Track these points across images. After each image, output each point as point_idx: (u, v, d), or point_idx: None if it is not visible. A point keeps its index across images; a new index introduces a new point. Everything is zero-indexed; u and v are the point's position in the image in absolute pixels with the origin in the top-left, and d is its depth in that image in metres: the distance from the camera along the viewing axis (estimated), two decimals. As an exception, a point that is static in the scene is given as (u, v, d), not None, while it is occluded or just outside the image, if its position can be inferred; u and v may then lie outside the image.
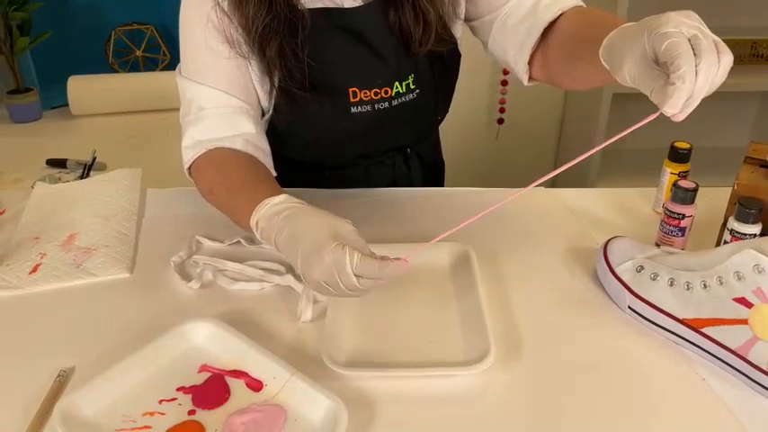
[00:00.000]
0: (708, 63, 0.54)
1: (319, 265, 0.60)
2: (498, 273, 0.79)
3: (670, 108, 0.57)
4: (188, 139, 0.82)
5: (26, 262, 0.80)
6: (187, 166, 0.83)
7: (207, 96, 0.81)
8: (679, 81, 0.55)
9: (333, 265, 0.59)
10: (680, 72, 0.54)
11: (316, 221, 0.64)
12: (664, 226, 0.80)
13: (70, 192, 0.98)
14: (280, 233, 0.65)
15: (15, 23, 1.61)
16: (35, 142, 1.55)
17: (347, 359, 0.65)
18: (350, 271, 0.59)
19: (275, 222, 0.66)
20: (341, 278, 0.60)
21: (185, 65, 0.83)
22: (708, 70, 0.54)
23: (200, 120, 0.81)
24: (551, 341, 0.68)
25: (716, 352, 0.64)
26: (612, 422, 0.59)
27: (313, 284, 0.63)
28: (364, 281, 0.60)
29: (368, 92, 0.86)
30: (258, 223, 0.69)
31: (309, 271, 0.61)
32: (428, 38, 0.84)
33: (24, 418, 0.58)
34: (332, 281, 0.60)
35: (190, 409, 0.59)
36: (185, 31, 0.82)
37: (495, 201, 0.96)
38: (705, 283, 0.64)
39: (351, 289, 0.61)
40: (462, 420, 0.59)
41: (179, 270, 0.79)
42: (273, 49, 0.78)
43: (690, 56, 0.55)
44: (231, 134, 0.80)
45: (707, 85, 0.55)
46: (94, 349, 0.67)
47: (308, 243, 0.62)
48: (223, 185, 0.78)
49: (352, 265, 0.59)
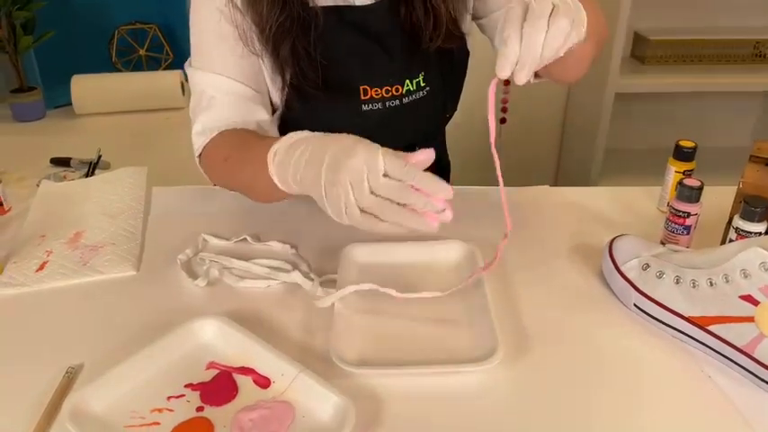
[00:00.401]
0: (532, 26, 0.56)
1: (350, 161, 0.57)
2: (504, 271, 0.79)
3: (498, 71, 0.58)
4: (198, 125, 0.81)
5: (33, 260, 0.80)
6: (198, 152, 0.82)
7: (218, 85, 0.81)
8: (502, 45, 0.57)
9: (364, 161, 0.56)
10: (504, 36, 0.57)
11: (343, 135, 0.62)
12: (669, 224, 0.80)
13: (76, 190, 0.98)
14: (301, 157, 0.62)
15: (19, 22, 1.61)
16: (39, 141, 1.56)
17: (355, 357, 0.65)
18: (381, 167, 0.56)
19: (295, 147, 0.63)
20: (369, 176, 0.56)
21: (196, 56, 0.83)
22: (532, 33, 0.56)
23: (212, 107, 0.81)
24: (557, 338, 0.69)
25: (722, 350, 0.64)
26: (618, 419, 0.59)
27: (335, 193, 0.58)
28: (392, 183, 0.57)
29: (379, 90, 0.86)
30: (276, 153, 0.65)
31: (336, 172, 0.58)
32: (438, 33, 0.84)
33: (33, 414, 0.58)
34: (358, 179, 0.57)
35: (198, 406, 0.59)
36: (197, 22, 0.82)
37: (497, 200, 0.97)
38: (711, 280, 0.64)
39: (377, 191, 0.57)
40: (470, 417, 0.59)
41: (185, 268, 0.79)
42: (287, 48, 0.79)
43: (517, 21, 0.57)
44: (245, 120, 0.80)
45: (535, 49, 0.56)
46: (102, 346, 0.67)
47: (338, 146, 0.59)
48: (239, 146, 0.76)
49: (385, 160, 0.56)
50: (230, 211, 0.92)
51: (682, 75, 1.92)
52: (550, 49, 0.57)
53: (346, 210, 0.59)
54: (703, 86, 1.91)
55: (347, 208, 0.58)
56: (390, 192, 0.57)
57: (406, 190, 0.57)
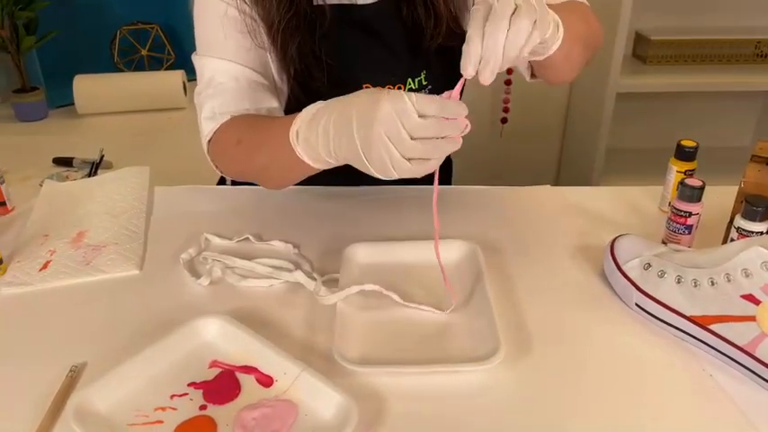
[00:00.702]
0: (493, 26, 0.57)
1: (378, 113, 0.57)
2: (505, 270, 0.79)
3: (462, 70, 0.59)
4: (208, 110, 0.80)
5: (36, 259, 0.80)
6: (208, 137, 0.81)
7: (227, 71, 0.80)
8: (464, 44, 0.58)
9: (392, 108, 0.57)
10: (467, 35, 0.58)
11: (362, 92, 0.62)
12: (670, 224, 0.80)
13: (79, 189, 0.98)
14: (326, 125, 0.62)
15: (21, 22, 1.61)
16: (41, 141, 1.56)
17: (357, 355, 0.65)
18: (411, 108, 0.57)
19: (317, 120, 0.63)
20: (404, 123, 0.57)
21: (202, 43, 0.82)
22: (492, 32, 0.57)
23: (221, 93, 0.80)
24: (559, 338, 0.69)
25: (723, 349, 0.64)
26: (620, 419, 0.59)
27: (375, 150, 0.58)
28: (430, 120, 0.58)
29: (381, 88, 0.86)
30: (299, 133, 0.65)
31: (369, 129, 0.58)
32: (439, 31, 0.85)
33: (37, 412, 0.59)
34: (395, 130, 0.57)
35: (201, 404, 0.59)
36: (202, 11, 0.82)
37: (499, 199, 0.97)
38: (713, 280, 0.65)
39: (416, 134, 0.57)
40: (471, 416, 0.59)
41: (188, 267, 0.79)
42: (294, 47, 0.79)
43: (479, 21, 0.58)
44: (255, 106, 0.79)
45: (496, 47, 0.57)
46: (105, 345, 0.67)
47: (361, 103, 0.60)
48: (252, 128, 0.76)
49: (413, 101, 0.57)
50: (232, 211, 0.92)
51: (683, 75, 1.92)
52: (512, 48, 0.58)
53: (393, 165, 0.59)
54: (704, 86, 1.91)
55: (393, 162, 0.59)
56: (429, 131, 0.58)
57: (442, 124, 0.59)
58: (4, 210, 0.93)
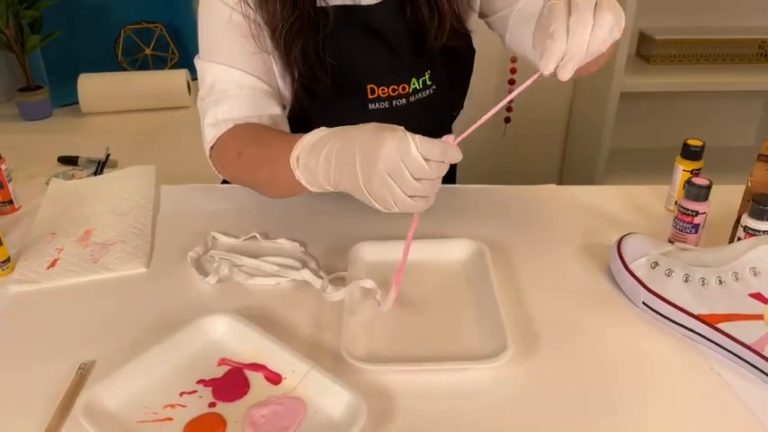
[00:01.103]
0: (577, 21, 0.55)
1: (382, 152, 0.58)
2: (512, 269, 0.79)
3: (543, 67, 0.57)
4: (211, 117, 0.81)
5: (44, 257, 0.81)
6: (210, 144, 0.82)
7: (229, 77, 0.80)
8: (548, 40, 0.56)
9: (396, 149, 0.57)
10: (550, 30, 0.55)
11: (366, 126, 0.62)
12: (677, 223, 0.80)
13: (85, 188, 0.98)
14: (328, 156, 0.63)
15: (26, 21, 1.62)
16: (46, 140, 1.56)
17: (365, 353, 0.65)
18: (416, 151, 0.57)
19: (319, 148, 0.64)
20: (407, 163, 0.57)
21: (206, 49, 0.83)
22: (578, 27, 0.55)
23: (224, 100, 0.80)
24: (566, 336, 0.69)
25: (731, 347, 0.64)
26: (627, 417, 0.59)
27: (376, 187, 0.59)
28: (431, 165, 0.58)
29: (385, 88, 0.86)
30: (299, 158, 0.66)
31: (372, 166, 0.59)
32: (443, 31, 0.85)
33: (46, 410, 0.59)
34: (397, 169, 0.58)
35: (210, 402, 0.60)
36: (206, 15, 0.82)
37: (505, 198, 0.97)
38: (720, 278, 0.65)
39: (418, 175, 0.58)
40: (479, 413, 0.60)
41: (195, 265, 0.79)
42: (297, 49, 0.79)
43: (561, 14, 0.55)
44: (258, 114, 0.79)
45: (581, 43, 0.55)
46: (114, 343, 0.68)
47: (364, 139, 0.60)
48: (253, 142, 0.76)
49: (417, 144, 0.58)
50: (239, 209, 0.92)
51: (687, 74, 1.92)
52: (596, 44, 0.56)
53: (395, 201, 0.60)
54: (708, 86, 1.91)
55: (395, 199, 0.60)
56: (432, 174, 0.59)
57: (442, 167, 0.60)
58: (12, 208, 0.93)
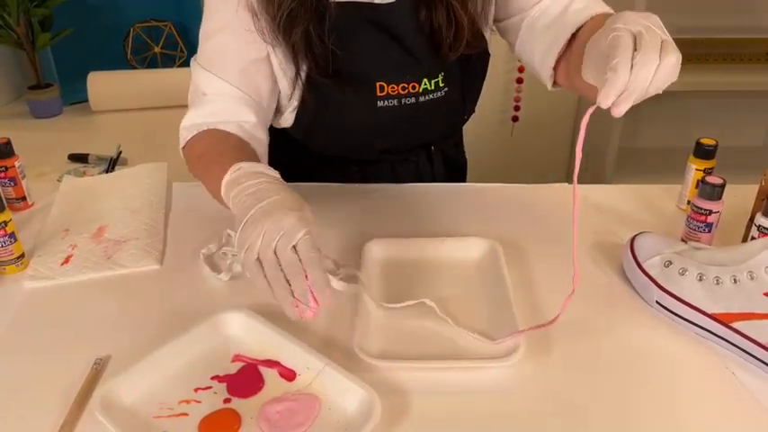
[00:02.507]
0: (645, 57, 0.54)
1: (277, 217, 0.59)
2: (525, 267, 0.79)
3: (602, 99, 0.55)
4: (187, 120, 0.84)
5: (58, 254, 0.81)
6: (183, 144, 0.85)
7: (212, 85, 0.82)
8: (611, 72, 0.54)
9: (289, 225, 0.58)
10: (613, 63, 0.54)
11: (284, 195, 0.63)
12: (690, 222, 0.80)
13: (98, 185, 0.99)
14: (246, 189, 0.64)
15: (36, 19, 1.62)
16: (56, 137, 1.57)
17: (378, 350, 0.65)
18: (296, 239, 0.58)
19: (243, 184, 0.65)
20: (281, 240, 0.58)
21: (201, 54, 0.84)
22: (644, 65, 0.54)
23: (202, 104, 0.83)
24: (579, 335, 0.69)
25: (746, 347, 0.64)
26: (641, 417, 0.59)
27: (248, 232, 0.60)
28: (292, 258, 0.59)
29: (395, 86, 0.86)
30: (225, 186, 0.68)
31: (260, 219, 0.60)
32: (459, 44, 0.84)
33: (62, 405, 0.59)
34: (271, 236, 0.59)
35: (225, 398, 0.60)
36: (208, 19, 0.83)
37: (517, 197, 0.97)
38: (735, 277, 0.64)
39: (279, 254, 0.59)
40: (492, 411, 0.60)
41: (208, 262, 0.80)
42: (298, 33, 0.79)
43: (627, 49, 0.54)
44: (230, 120, 0.81)
45: (644, 81, 0.54)
46: (128, 339, 0.68)
47: (278, 200, 0.61)
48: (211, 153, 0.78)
49: (303, 236, 0.59)
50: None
51: (695, 74, 1.91)
52: (657, 84, 0.55)
53: (247, 250, 0.60)
54: (719, 85, 1.90)
55: (248, 249, 0.60)
56: (287, 263, 0.59)
57: (300, 273, 0.59)
58: (25, 204, 0.94)
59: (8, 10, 1.54)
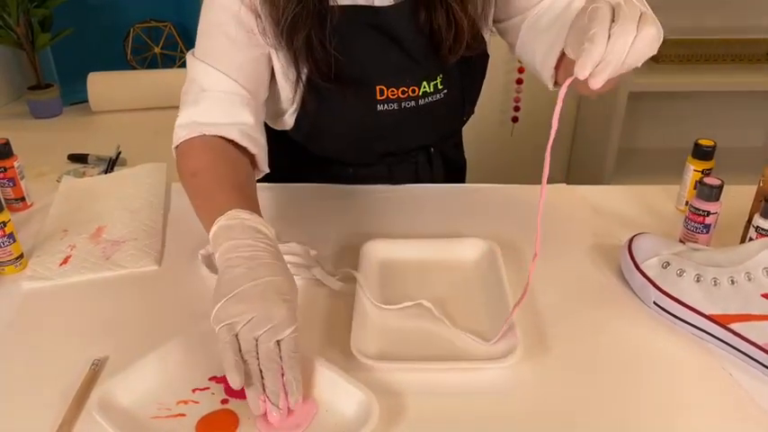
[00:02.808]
0: (622, 28, 0.54)
1: (270, 305, 0.57)
2: (523, 268, 0.79)
3: (579, 69, 0.55)
4: (184, 117, 0.81)
5: (56, 254, 0.81)
6: (177, 143, 0.81)
7: (211, 79, 0.80)
8: (587, 42, 0.54)
9: (277, 319, 0.57)
10: (590, 34, 0.54)
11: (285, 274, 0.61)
12: (688, 223, 0.80)
13: (97, 185, 0.99)
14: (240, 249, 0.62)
15: (36, 20, 1.62)
16: (56, 137, 1.57)
17: (375, 351, 0.65)
18: (286, 333, 0.57)
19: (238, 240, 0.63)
20: (267, 332, 0.56)
21: (199, 47, 0.83)
22: (621, 35, 0.54)
23: (200, 101, 0.80)
24: (577, 336, 0.69)
25: (743, 348, 0.64)
26: (638, 417, 0.59)
27: (233, 308, 0.58)
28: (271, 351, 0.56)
29: (395, 90, 0.86)
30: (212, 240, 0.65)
31: (252, 299, 0.57)
32: (459, 47, 0.84)
33: (60, 405, 0.59)
34: (258, 324, 0.57)
35: (223, 398, 0.60)
36: (208, 13, 0.81)
37: (515, 197, 0.97)
38: (733, 278, 0.64)
39: (259, 343, 0.57)
40: (490, 413, 0.60)
41: (207, 262, 0.80)
42: (301, 39, 0.78)
43: (605, 20, 0.54)
44: (228, 122, 0.79)
45: (621, 51, 0.54)
46: (126, 339, 0.68)
47: (274, 282, 0.59)
48: (205, 174, 0.75)
49: (288, 335, 0.57)
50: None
51: (695, 74, 1.91)
52: (635, 56, 0.55)
53: (227, 324, 0.58)
54: (718, 86, 1.90)
55: (229, 325, 0.58)
56: (266, 356, 0.57)
57: (277, 370, 0.57)
58: (24, 205, 0.94)
59: (8, 10, 1.54)
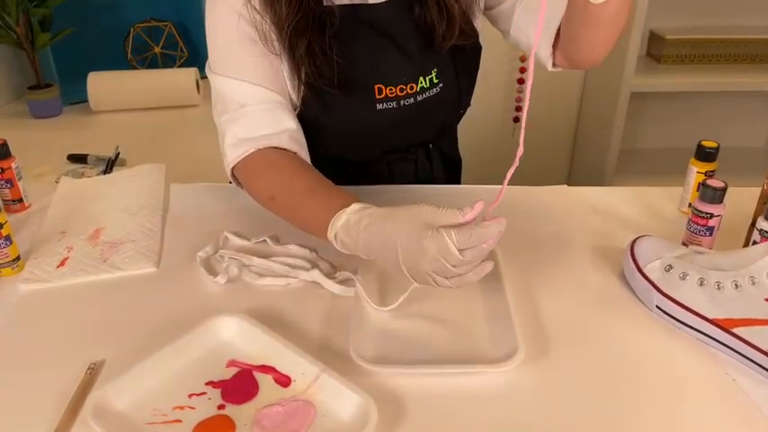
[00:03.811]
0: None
1: (424, 257, 0.61)
2: (523, 271, 0.79)
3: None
4: (231, 137, 0.80)
5: (54, 256, 0.81)
6: (232, 165, 0.81)
7: (246, 92, 0.80)
8: None
9: (437, 253, 0.60)
10: None
11: (401, 219, 0.64)
12: (691, 225, 0.79)
13: (95, 186, 0.98)
14: (368, 242, 0.65)
15: (36, 19, 1.62)
16: (55, 137, 1.56)
17: (374, 355, 0.65)
18: (454, 249, 0.60)
19: (357, 232, 0.66)
20: (448, 260, 0.60)
21: (218, 61, 0.82)
22: None
23: (242, 117, 0.80)
24: (578, 340, 0.68)
25: (747, 353, 0.63)
26: (640, 422, 0.59)
27: (420, 278, 0.63)
28: (469, 252, 0.60)
29: (393, 88, 0.86)
30: (337, 236, 0.68)
31: (417, 266, 0.62)
32: (452, 33, 0.84)
33: (56, 410, 0.59)
34: (440, 267, 0.61)
35: (219, 404, 0.59)
36: (215, 26, 0.81)
37: (515, 199, 0.96)
38: (737, 282, 0.64)
39: (458, 266, 0.61)
40: (490, 417, 0.59)
41: (205, 265, 0.79)
42: (303, 47, 0.78)
43: None
44: (277, 131, 0.79)
45: None
46: (123, 343, 0.67)
47: (406, 241, 0.62)
48: (285, 190, 0.77)
49: (454, 242, 0.60)
50: (248, 211, 0.91)
51: (697, 74, 1.90)
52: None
53: (437, 285, 0.63)
54: (720, 86, 1.89)
55: (438, 285, 0.63)
56: (472, 263, 0.62)
57: (482, 251, 0.61)
58: (22, 206, 0.93)
59: (8, 10, 1.54)
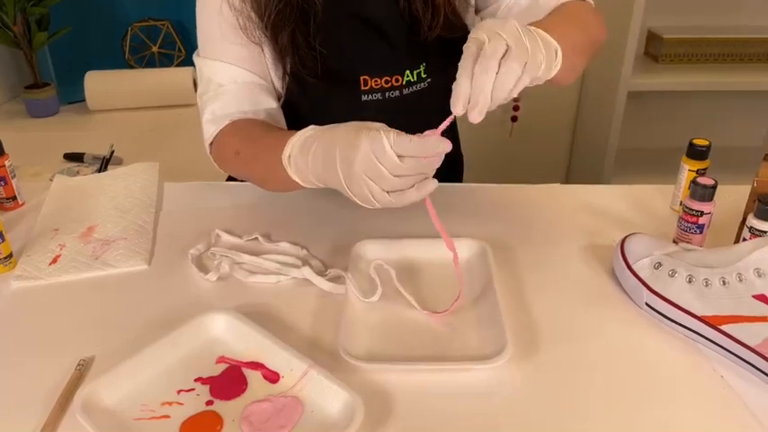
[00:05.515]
0: (482, 67, 0.57)
1: (357, 154, 0.59)
2: (514, 268, 0.79)
3: (453, 107, 0.59)
4: (208, 114, 0.83)
5: (46, 253, 0.81)
6: (209, 141, 0.83)
7: (225, 73, 0.82)
8: (454, 84, 0.59)
9: (370, 150, 0.59)
10: (457, 74, 0.59)
11: (345, 126, 0.64)
12: (682, 223, 0.79)
13: (89, 184, 0.99)
14: (315, 157, 0.65)
15: (34, 18, 1.62)
16: (52, 136, 1.57)
17: (363, 352, 0.65)
18: (389, 150, 0.59)
19: (307, 147, 0.66)
20: (383, 162, 0.59)
21: (202, 45, 0.84)
22: (481, 74, 0.57)
23: (220, 95, 0.82)
24: (567, 337, 0.68)
25: (735, 349, 0.63)
26: (629, 419, 0.59)
27: (356, 187, 0.61)
28: (408, 161, 0.59)
29: (378, 80, 0.86)
30: (291, 157, 0.68)
31: (350, 167, 0.60)
32: (437, 22, 0.85)
33: (45, 406, 0.59)
34: (374, 170, 0.59)
35: (207, 400, 0.59)
36: (201, 12, 0.83)
37: (508, 197, 0.97)
38: (724, 279, 0.64)
39: (395, 173, 0.59)
40: (478, 414, 0.59)
41: (197, 262, 0.79)
42: (286, 36, 0.79)
43: (469, 60, 0.58)
44: (254, 109, 0.81)
45: (485, 89, 0.57)
46: (113, 339, 0.68)
47: (343, 140, 0.62)
48: (248, 140, 0.78)
49: (390, 142, 0.59)
50: (241, 208, 0.92)
51: (695, 74, 1.90)
52: (501, 91, 0.58)
53: (374, 197, 0.61)
54: (717, 85, 1.89)
55: (374, 195, 0.62)
56: (407, 170, 0.60)
57: (421, 163, 0.60)
58: (15, 204, 0.94)
59: (5, 9, 1.54)
